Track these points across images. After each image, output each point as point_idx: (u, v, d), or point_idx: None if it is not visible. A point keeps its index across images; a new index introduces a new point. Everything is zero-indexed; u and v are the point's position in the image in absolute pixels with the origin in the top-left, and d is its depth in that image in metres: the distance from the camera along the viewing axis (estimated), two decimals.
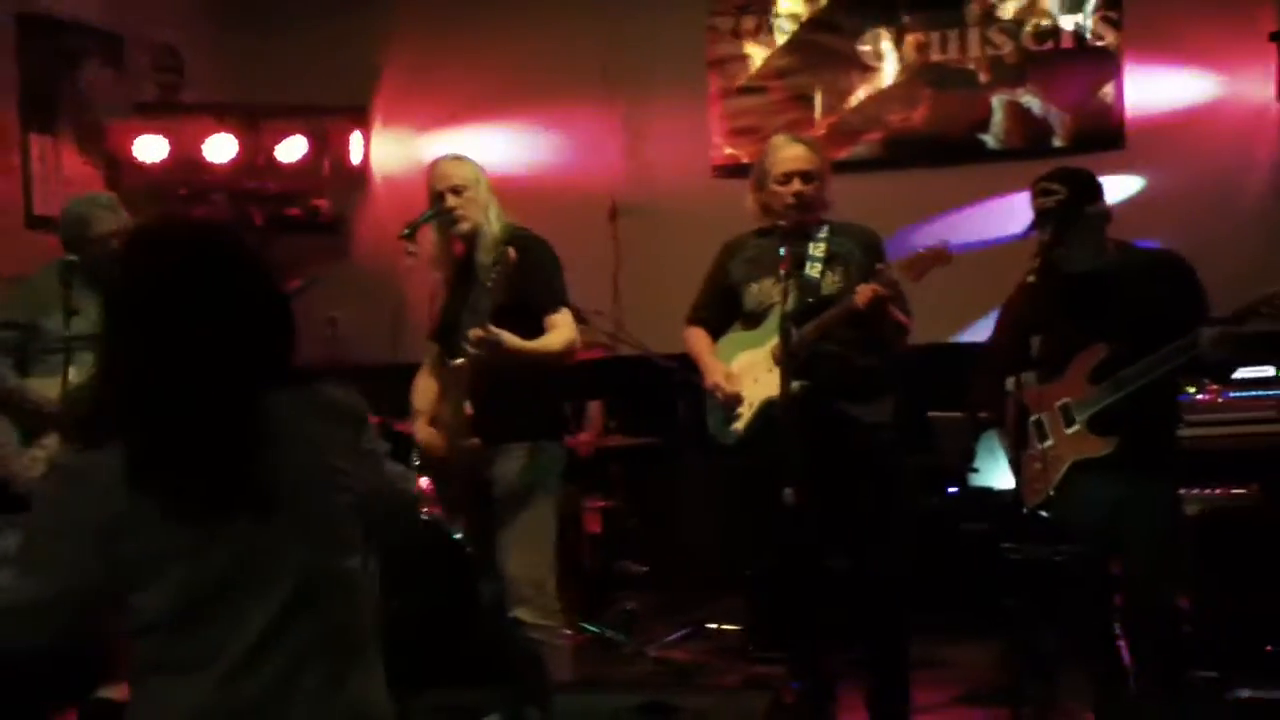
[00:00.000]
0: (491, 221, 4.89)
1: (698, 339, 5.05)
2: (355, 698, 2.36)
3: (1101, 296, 4.53)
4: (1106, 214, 4.59)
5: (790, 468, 4.30)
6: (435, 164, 5.06)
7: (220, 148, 7.57)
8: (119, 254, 2.56)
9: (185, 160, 7.56)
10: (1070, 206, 4.47)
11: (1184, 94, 7.16)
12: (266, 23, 8.20)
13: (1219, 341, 4.29)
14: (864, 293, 4.51)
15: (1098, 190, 4.59)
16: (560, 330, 4.77)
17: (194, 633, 2.25)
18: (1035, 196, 4.55)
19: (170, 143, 7.51)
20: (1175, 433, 4.75)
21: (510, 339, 4.56)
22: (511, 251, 4.57)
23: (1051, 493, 4.56)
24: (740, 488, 4.93)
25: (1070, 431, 4.55)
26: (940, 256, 4.59)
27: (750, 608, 6.37)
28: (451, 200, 4.88)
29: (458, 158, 5.09)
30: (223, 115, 7.68)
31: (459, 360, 4.60)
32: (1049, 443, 4.60)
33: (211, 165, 7.59)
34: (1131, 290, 4.48)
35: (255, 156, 7.67)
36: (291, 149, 7.77)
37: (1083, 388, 4.53)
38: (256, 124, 7.71)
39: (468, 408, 4.56)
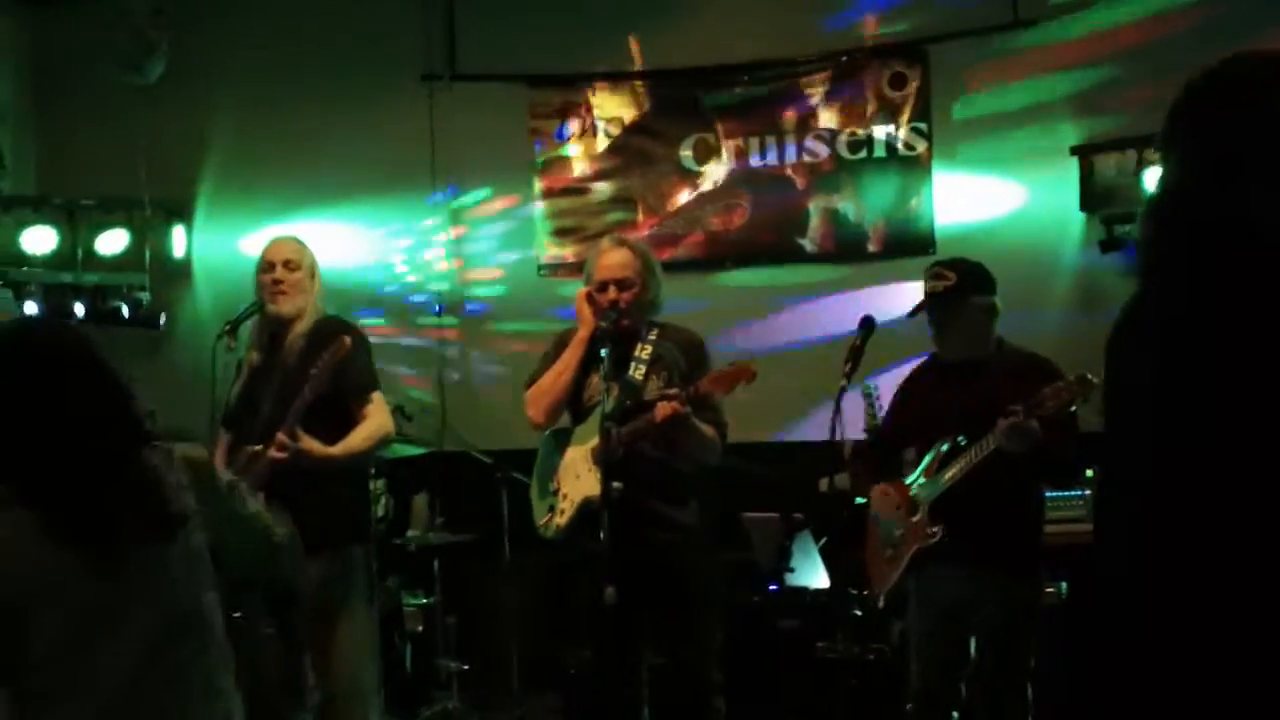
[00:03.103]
0: (308, 308, 4.90)
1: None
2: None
3: (968, 388, 4.61)
4: (992, 307, 4.66)
5: (608, 565, 4.35)
6: (272, 242, 5.07)
7: (38, 239, 7.50)
8: None
9: (3, 252, 7.47)
10: (955, 294, 4.57)
11: (991, 202, 7.34)
12: (88, 114, 8.09)
13: (1008, 434, 4.35)
14: (662, 410, 4.53)
15: (987, 282, 4.67)
16: (371, 420, 4.77)
17: (79, 661, 2.57)
18: (926, 281, 4.65)
19: None
20: (1022, 529, 4.66)
21: (316, 448, 4.55)
22: (347, 340, 4.57)
23: (896, 579, 4.66)
24: (559, 584, 4.93)
25: (914, 519, 4.65)
26: (745, 373, 4.59)
27: (568, 705, 6.37)
28: (281, 273, 4.88)
29: (294, 238, 5.11)
30: (41, 207, 7.60)
31: (255, 448, 4.54)
32: (900, 531, 4.70)
33: (29, 257, 7.51)
34: (996, 386, 4.51)
35: (74, 248, 7.59)
36: (111, 242, 7.70)
37: (931, 478, 4.64)
38: (76, 216, 7.63)
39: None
